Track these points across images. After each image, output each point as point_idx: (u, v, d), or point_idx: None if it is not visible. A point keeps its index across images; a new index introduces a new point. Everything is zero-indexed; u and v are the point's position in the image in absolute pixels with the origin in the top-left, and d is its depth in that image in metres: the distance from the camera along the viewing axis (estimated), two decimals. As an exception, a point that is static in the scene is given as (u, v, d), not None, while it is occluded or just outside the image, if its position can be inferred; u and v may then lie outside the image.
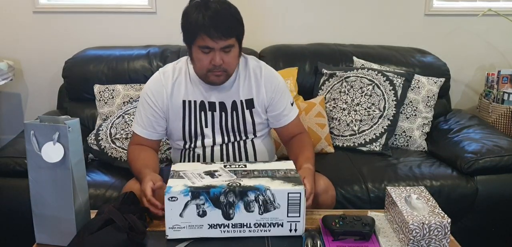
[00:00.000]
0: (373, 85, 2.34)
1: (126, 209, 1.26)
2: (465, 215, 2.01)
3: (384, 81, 2.34)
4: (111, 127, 2.15)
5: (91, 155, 2.16)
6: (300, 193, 1.24)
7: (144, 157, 1.57)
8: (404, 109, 2.36)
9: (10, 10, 2.68)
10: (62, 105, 2.53)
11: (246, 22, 1.51)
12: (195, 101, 1.60)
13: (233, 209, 1.23)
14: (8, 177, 1.91)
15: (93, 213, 1.29)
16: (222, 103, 1.61)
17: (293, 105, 1.69)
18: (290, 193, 1.23)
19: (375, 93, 2.33)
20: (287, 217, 1.25)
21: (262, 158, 1.69)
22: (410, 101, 2.37)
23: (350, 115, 2.32)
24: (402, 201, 1.28)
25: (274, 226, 1.26)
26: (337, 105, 2.37)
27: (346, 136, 2.31)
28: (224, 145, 1.65)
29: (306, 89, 2.51)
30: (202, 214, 1.23)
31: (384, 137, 2.27)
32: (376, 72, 2.39)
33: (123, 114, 2.19)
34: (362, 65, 2.48)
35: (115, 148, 2.08)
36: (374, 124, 2.29)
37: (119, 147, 2.08)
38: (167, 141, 2.07)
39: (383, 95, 2.32)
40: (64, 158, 1.16)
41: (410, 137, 2.35)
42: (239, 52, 1.55)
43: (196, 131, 1.62)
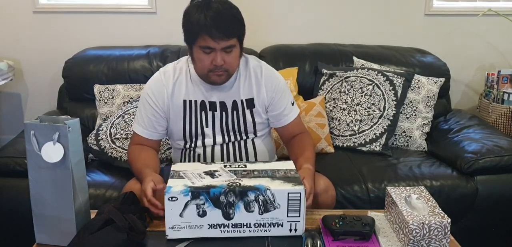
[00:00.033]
0: (373, 85, 2.34)
1: (126, 209, 1.26)
2: (465, 215, 2.01)
3: (384, 81, 2.34)
4: (111, 127, 2.15)
5: (91, 155, 2.16)
6: (300, 193, 1.23)
7: (144, 157, 1.56)
8: (404, 109, 2.36)
9: (10, 10, 2.68)
10: (62, 105, 2.53)
11: (246, 22, 1.51)
12: (196, 101, 1.60)
13: (233, 209, 1.23)
14: (8, 177, 1.91)
15: (93, 213, 1.29)
16: (223, 103, 1.61)
17: (293, 105, 1.69)
18: (290, 193, 1.23)
19: (375, 93, 2.33)
20: (287, 217, 1.25)
21: (263, 158, 1.68)
22: (410, 101, 2.37)
23: (350, 115, 2.32)
24: (402, 201, 1.27)
25: (274, 226, 1.26)
26: (337, 105, 2.37)
27: (346, 136, 2.31)
28: (224, 145, 1.65)
29: (306, 89, 2.51)
30: (202, 214, 1.23)
31: (384, 137, 2.27)
32: (376, 72, 2.38)
33: (123, 114, 2.19)
34: (362, 65, 2.48)
35: (115, 148, 2.08)
36: (374, 124, 2.29)
37: (119, 147, 2.08)
38: (167, 141, 2.07)
39: (383, 95, 2.32)
40: (64, 158, 1.16)
41: (410, 137, 2.35)
42: (240, 52, 1.55)
43: (196, 130, 1.62)
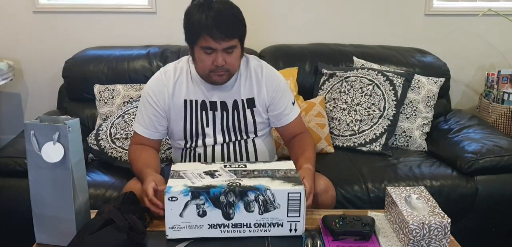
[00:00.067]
0: (373, 85, 2.34)
1: (126, 209, 1.26)
2: (465, 215, 2.01)
3: (384, 81, 2.34)
4: (111, 127, 2.15)
5: (91, 155, 2.16)
6: (300, 193, 1.23)
7: (145, 157, 1.56)
8: (404, 109, 2.36)
9: (10, 10, 2.68)
10: (62, 105, 2.53)
11: (247, 22, 1.51)
12: (197, 101, 1.60)
13: (233, 209, 1.23)
14: (8, 177, 1.91)
15: (93, 213, 1.29)
16: (223, 103, 1.61)
17: (294, 104, 1.69)
18: (290, 193, 1.23)
19: (375, 93, 2.32)
20: (287, 217, 1.25)
21: (263, 158, 1.68)
22: (410, 101, 2.37)
23: (350, 115, 2.32)
24: (402, 201, 1.27)
25: (274, 226, 1.26)
26: (337, 105, 2.37)
27: (346, 136, 2.31)
28: (225, 144, 1.65)
29: (306, 89, 2.51)
30: (202, 214, 1.23)
31: (384, 137, 2.27)
32: (376, 72, 2.38)
33: (123, 114, 2.19)
34: (362, 65, 2.48)
35: (115, 148, 2.08)
36: (374, 124, 2.29)
37: (119, 147, 2.08)
38: (167, 141, 2.07)
39: (383, 95, 2.32)
40: (64, 158, 1.16)
41: (410, 137, 2.35)
42: (241, 52, 1.55)
43: (197, 130, 1.62)
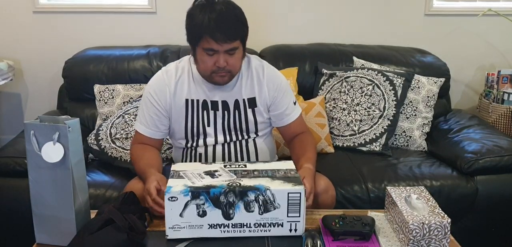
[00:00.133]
0: (373, 85, 2.34)
1: (126, 209, 1.26)
2: (465, 215, 2.01)
3: (384, 81, 2.34)
4: (111, 127, 2.15)
5: (91, 155, 2.16)
6: (300, 193, 1.23)
7: (148, 156, 1.57)
8: (404, 109, 2.36)
9: (10, 10, 2.68)
10: (62, 105, 2.53)
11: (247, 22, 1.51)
12: (198, 100, 1.61)
13: (233, 209, 1.23)
14: (8, 177, 1.91)
15: (93, 213, 1.29)
16: (225, 102, 1.61)
17: (295, 104, 1.69)
18: (290, 193, 1.23)
19: (375, 93, 2.32)
20: (287, 217, 1.25)
21: (264, 158, 1.69)
22: (410, 101, 2.37)
23: (350, 115, 2.32)
24: (402, 201, 1.27)
25: (274, 226, 1.26)
26: (337, 105, 2.37)
27: (346, 136, 2.31)
28: (226, 144, 1.65)
29: (306, 89, 2.51)
30: (202, 214, 1.23)
31: (384, 137, 2.27)
32: (376, 72, 2.38)
33: (123, 114, 2.19)
34: (362, 65, 2.48)
35: (115, 148, 2.08)
36: (374, 124, 2.29)
37: (119, 147, 2.08)
38: (168, 141, 2.07)
39: (383, 95, 2.32)
40: (64, 158, 1.16)
41: (410, 137, 2.35)
42: (243, 53, 1.55)
43: (198, 130, 1.62)
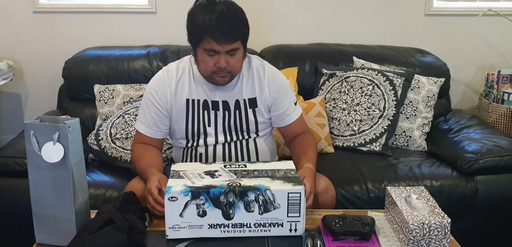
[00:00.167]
0: (373, 85, 2.34)
1: (126, 209, 1.26)
2: (465, 215, 2.01)
3: (384, 81, 2.34)
4: (111, 127, 2.15)
5: (91, 155, 2.16)
6: (300, 193, 1.24)
7: (149, 156, 1.57)
8: (404, 109, 2.36)
9: (10, 10, 2.68)
10: (62, 105, 2.53)
11: (247, 22, 1.51)
12: (199, 100, 1.61)
13: (233, 209, 1.23)
14: (8, 177, 1.91)
15: (93, 213, 1.29)
16: (225, 102, 1.61)
17: (296, 105, 1.69)
18: (290, 193, 1.23)
19: (375, 93, 2.32)
20: (287, 217, 1.25)
21: (264, 158, 1.69)
22: (410, 101, 2.37)
23: (350, 115, 2.32)
24: (402, 201, 1.27)
25: (274, 226, 1.26)
26: (337, 105, 2.37)
27: (346, 136, 2.31)
28: (226, 144, 1.65)
29: (306, 89, 2.51)
30: (202, 214, 1.23)
31: (384, 137, 2.27)
32: (376, 72, 2.38)
33: (123, 114, 2.19)
34: (362, 65, 2.48)
35: (115, 148, 2.08)
36: (374, 124, 2.29)
37: (119, 147, 2.08)
38: (168, 141, 2.07)
39: (383, 95, 2.32)
40: (64, 158, 1.16)
41: (410, 137, 2.35)
42: (244, 53, 1.55)
43: (199, 130, 1.62)
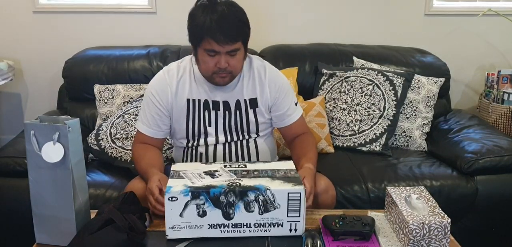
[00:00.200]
0: (373, 85, 2.34)
1: (126, 209, 1.26)
2: (465, 215, 2.01)
3: (384, 81, 2.34)
4: (111, 127, 2.15)
5: (91, 155, 2.16)
6: (300, 193, 1.23)
7: (149, 156, 1.57)
8: (404, 109, 2.36)
9: (10, 10, 2.68)
10: (62, 105, 2.54)
11: (247, 22, 1.51)
12: (199, 100, 1.61)
13: (233, 209, 1.23)
14: (8, 177, 1.91)
15: (93, 213, 1.29)
16: (226, 102, 1.61)
17: (297, 105, 1.69)
18: (290, 193, 1.23)
19: (375, 93, 2.32)
20: (287, 217, 1.25)
21: (264, 158, 1.69)
22: (410, 101, 2.37)
23: (350, 115, 2.32)
24: (402, 201, 1.27)
25: (274, 226, 1.26)
26: (337, 105, 2.37)
27: (346, 136, 2.31)
28: (226, 144, 1.65)
29: (306, 89, 2.51)
30: (202, 214, 1.23)
31: (384, 137, 2.27)
32: (376, 72, 2.38)
33: (123, 114, 2.19)
34: (362, 65, 2.48)
35: (115, 148, 2.08)
36: (374, 124, 2.29)
37: (119, 147, 2.08)
38: (168, 141, 2.07)
39: (383, 95, 2.32)
40: (64, 158, 1.16)
41: (410, 137, 2.35)
42: (245, 54, 1.55)
43: (199, 129, 1.62)
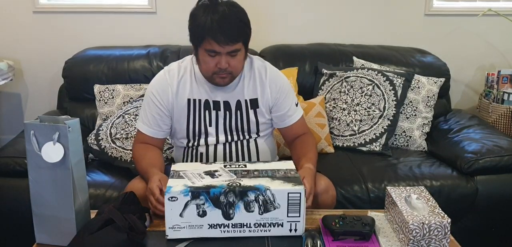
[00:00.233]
0: (373, 85, 2.34)
1: (126, 209, 1.26)
2: (465, 215, 2.01)
3: (384, 81, 2.34)
4: (111, 127, 2.15)
5: (91, 155, 2.16)
6: (300, 193, 1.23)
7: (150, 156, 1.57)
8: (404, 109, 2.36)
9: (10, 10, 2.68)
10: (62, 105, 2.53)
11: (247, 22, 1.51)
12: (200, 100, 1.61)
13: (233, 209, 1.23)
14: (8, 177, 1.91)
15: (93, 213, 1.29)
16: (227, 102, 1.61)
17: (297, 106, 1.69)
18: (290, 193, 1.23)
19: (375, 93, 2.32)
20: (287, 217, 1.25)
21: (265, 158, 1.69)
22: (410, 101, 2.37)
23: (350, 115, 2.32)
24: (402, 201, 1.27)
25: (274, 226, 1.26)
26: (337, 105, 2.37)
27: (346, 136, 2.31)
28: (227, 144, 1.65)
29: (306, 89, 2.51)
30: (202, 214, 1.23)
31: (384, 137, 2.27)
32: (376, 72, 2.38)
33: (123, 114, 2.19)
34: (362, 65, 2.48)
35: (115, 148, 2.08)
36: (374, 124, 2.29)
37: (119, 147, 2.08)
38: (168, 141, 2.07)
39: (383, 95, 2.32)
40: (64, 158, 1.16)
41: (410, 137, 2.35)
42: (245, 55, 1.55)
43: (200, 129, 1.62)
